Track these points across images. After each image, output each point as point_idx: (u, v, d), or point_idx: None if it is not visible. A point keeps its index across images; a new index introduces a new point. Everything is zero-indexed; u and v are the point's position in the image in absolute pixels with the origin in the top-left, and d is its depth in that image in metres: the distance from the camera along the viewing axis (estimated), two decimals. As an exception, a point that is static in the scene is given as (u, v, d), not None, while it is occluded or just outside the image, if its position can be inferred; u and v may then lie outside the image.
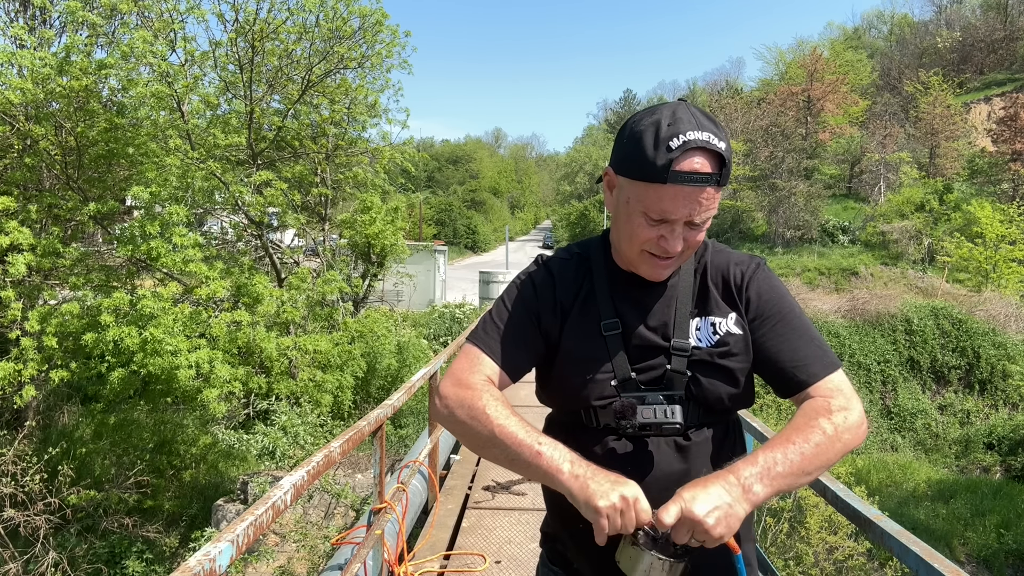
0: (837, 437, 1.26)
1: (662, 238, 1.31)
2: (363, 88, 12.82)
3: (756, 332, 1.40)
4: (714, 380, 1.37)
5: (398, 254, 13.58)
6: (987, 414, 16.86)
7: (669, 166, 1.24)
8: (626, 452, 1.37)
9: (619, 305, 1.42)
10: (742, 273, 1.44)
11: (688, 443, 1.38)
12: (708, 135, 1.24)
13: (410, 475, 4.63)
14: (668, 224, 1.30)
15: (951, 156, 37.04)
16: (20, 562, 7.46)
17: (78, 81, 9.74)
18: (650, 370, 1.39)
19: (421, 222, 37.15)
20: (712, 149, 1.24)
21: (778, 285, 1.45)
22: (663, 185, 1.25)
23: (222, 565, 1.55)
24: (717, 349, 1.38)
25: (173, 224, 9.39)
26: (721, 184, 1.27)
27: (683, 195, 1.26)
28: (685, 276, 1.44)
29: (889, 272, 27.30)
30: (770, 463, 1.20)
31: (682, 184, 1.24)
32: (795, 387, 1.36)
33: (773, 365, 1.38)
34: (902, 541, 1.90)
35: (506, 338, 1.43)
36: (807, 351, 1.37)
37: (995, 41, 53.01)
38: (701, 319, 1.41)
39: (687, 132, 1.24)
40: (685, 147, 1.23)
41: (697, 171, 1.24)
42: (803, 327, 1.41)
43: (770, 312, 1.41)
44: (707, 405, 1.38)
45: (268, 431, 9.12)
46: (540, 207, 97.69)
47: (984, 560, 10.57)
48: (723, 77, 68.09)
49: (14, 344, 9.62)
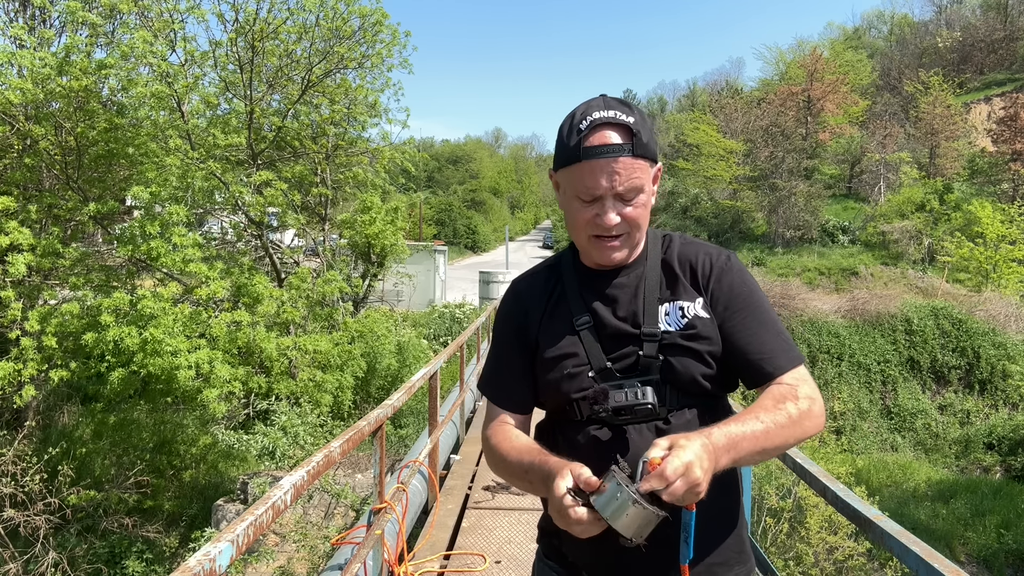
0: (799, 422, 1.32)
1: (597, 216, 1.38)
2: (363, 88, 12.82)
3: (725, 323, 1.43)
4: (685, 361, 1.40)
5: (398, 254, 13.58)
6: (987, 414, 16.86)
7: (580, 144, 1.35)
8: (607, 439, 1.41)
9: (589, 301, 1.48)
10: (711, 263, 1.47)
11: (668, 426, 1.39)
12: (614, 112, 1.35)
13: (410, 475, 4.63)
14: (599, 202, 1.37)
15: (951, 156, 37.06)
16: (20, 562, 7.46)
17: (78, 81, 9.73)
18: (624, 358, 1.43)
19: (421, 222, 37.16)
20: (618, 122, 1.34)
21: (748, 278, 1.49)
22: (580, 163, 1.36)
23: (222, 565, 1.55)
24: (686, 332, 1.41)
25: (173, 224, 9.39)
26: (636, 154, 1.34)
27: (598, 168, 1.34)
28: (652, 265, 1.49)
29: (889, 272, 27.31)
30: (737, 436, 1.24)
31: (595, 158, 1.34)
32: (762, 378, 1.41)
33: (741, 356, 1.42)
34: (902, 541, 1.90)
35: (505, 380, 1.58)
36: (774, 344, 1.42)
37: (995, 41, 53.01)
38: (670, 304, 1.45)
39: (594, 113, 1.36)
40: (592, 124, 1.35)
41: (606, 143, 1.34)
42: (770, 321, 1.45)
43: (739, 304, 1.44)
44: (683, 387, 1.41)
45: (268, 431, 9.11)
46: (540, 207, 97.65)
47: (984, 560, 10.56)
48: (723, 77, 68.07)
49: (14, 344, 9.62)
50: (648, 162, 1.38)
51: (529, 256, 52.66)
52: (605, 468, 1.27)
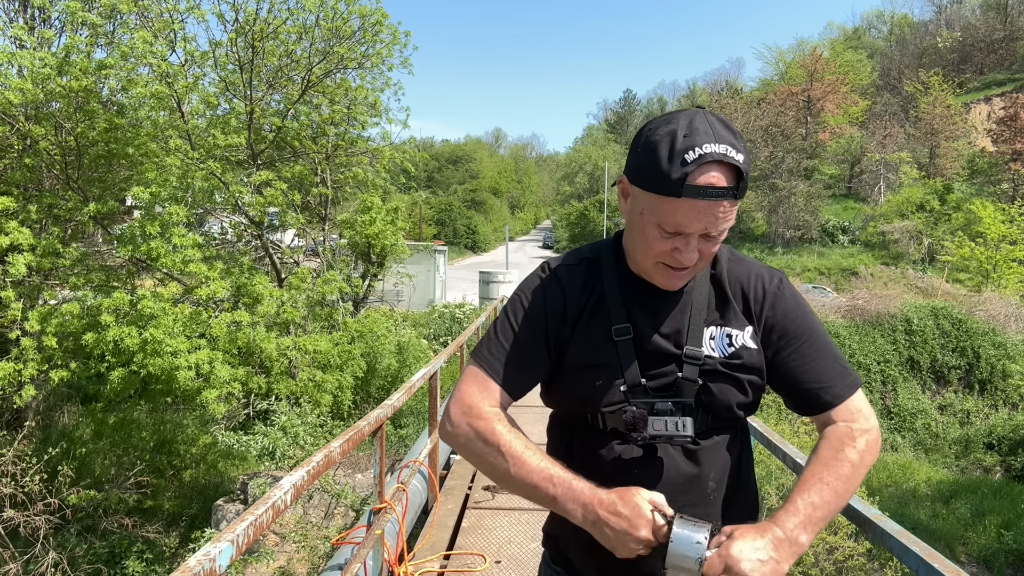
0: (862, 463, 1.32)
1: (676, 250, 1.28)
2: (363, 88, 12.81)
3: (780, 351, 1.38)
4: (725, 389, 1.36)
5: (398, 254, 13.57)
6: (987, 414, 16.85)
7: (684, 180, 1.20)
8: (633, 457, 1.36)
9: (632, 310, 1.39)
10: (764, 289, 1.41)
11: (697, 448, 1.37)
12: (725, 147, 1.21)
13: (410, 475, 4.63)
14: (683, 237, 1.27)
15: (951, 156, 37.09)
16: (20, 562, 7.46)
17: (78, 81, 9.73)
18: (661, 377, 1.37)
19: (421, 222, 37.14)
20: (729, 162, 1.20)
21: (801, 302, 1.43)
22: (678, 199, 1.22)
23: (222, 565, 1.55)
24: (731, 361, 1.36)
25: (173, 224, 9.39)
26: (739, 197, 1.24)
27: (698, 209, 1.22)
28: (701, 284, 1.42)
29: (889, 272, 27.30)
30: (810, 510, 1.23)
31: (698, 198, 1.21)
32: (819, 408, 1.38)
33: (798, 385, 1.39)
34: (902, 541, 1.90)
35: (512, 361, 1.42)
36: (831, 371, 1.38)
37: (995, 41, 53.03)
38: (717, 328, 1.39)
39: (703, 145, 1.20)
40: (701, 160, 1.19)
41: (713, 185, 1.20)
42: (826, 345, 1.40)
43: (795, 331, 1.39)
44: (717, 413, 1.37)
45: (268, 431, 9.12)
46: (540, 207, 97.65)
47: (984, 560, 10.56)
48: (723, 77, 68.11)
49: (14, 344, 9.62)
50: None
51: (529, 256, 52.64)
52: (630, 484, 1.29)
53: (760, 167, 35.60)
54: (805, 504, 1.24)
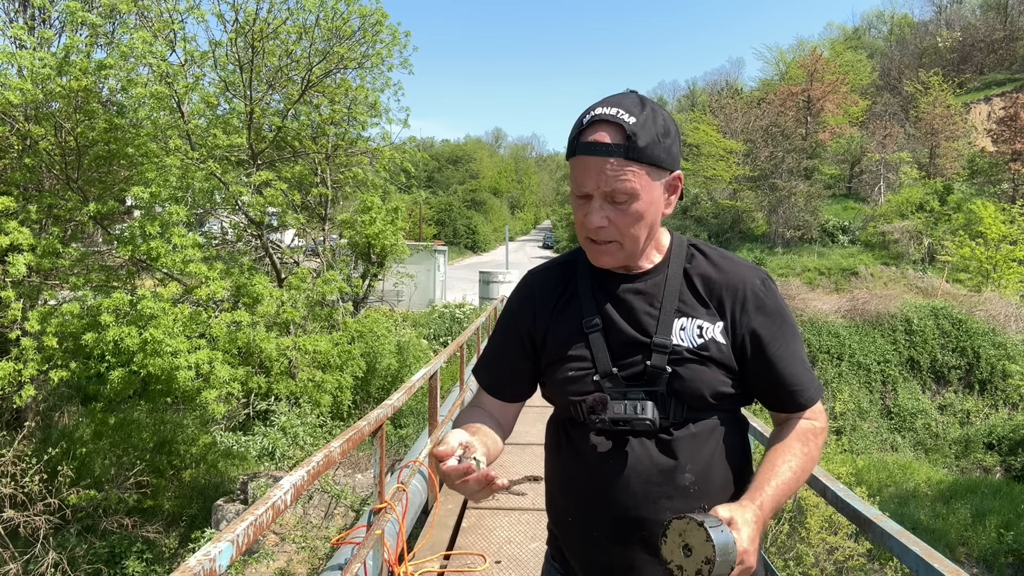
0: (815, 456, 1.44)
1: (585, 216, 1.33)
2: (363, 88, 12.82)
3: (760, 351, 1.40)
4: (694, 379, 1.37)
5: (398, 254, 13.58)
6: (987, 414, 16.85)
7: (577, 139, 1.31)
8: (606, 449, 1.38)
9: (601, 302, 1.44)
10: (746, 288, 1.41)
11: (671, 439, 1.37)
12: (616, 110, 1.28)
13: (410, 475, 4.63)
14: (587, 200, 1.33)
15: (951, 156, 37.06)
16: (20, 562, 7.46)
17: (77, 81, 9.73)
18: (631, 366, 1.39)
19: (421, 222, 37.14)
20: (614, 121, 1.28)
21: (782, 303, 1.44)
22: (574, 159, 1.32)
23: (222, 565, 1.55)
24: (699, 352, 1.37)
25: (173, 224, 9.40)
26: (630, 156, 1.27)
27: (588, 166, 1.29)
28: (673, 275, 1.43)
29: (889, 272, 27.31)
30: (778, 493, 1.31)
31: (586, 155, 1.29)
32: (793, 407, 1.44)
33: (776, 385, 1.42)
34: (902, 541, 1.90)
35: (493, 366, 1.57)
36: (804, 375, 1.43)
37: (995, 41, 53.03)
38: (687, 319, 1.40)
39: (596, 109, 1.30)
40: (590, 121, 1.29)
41: (598, 141, 1.28)
42: (799, 349, 1.45)
43: (774, 333, 1.41)
44: (690, 402, 1.38)
45: (267, 432, 9.12)
46: (540, 207, 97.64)
47: (984, 560, 10.56)
48: (723, 77, 68.07)
49: (14, 344, 9.62)
50: (647, 167, 1.29)
51: (529, 256, 52.63)
52: (604, 477, 1.36)
53: (760, 167, 35.56)
54: (774, 489, 1.31)
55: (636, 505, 1.36)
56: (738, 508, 1.21)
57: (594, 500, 1.39)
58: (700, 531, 1.13)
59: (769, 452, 1.41)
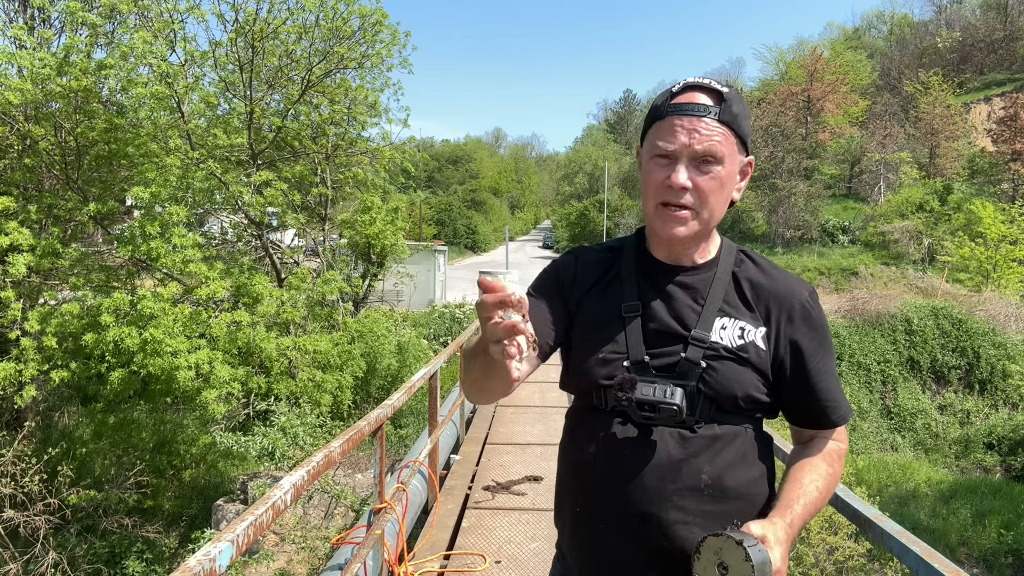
0: (837, 478, 1.46)
1: (667, 177, 1.33)
2: (363, 88, 12.82)
3: (800, 363, 1.40)
4: (728, 378, 1.35)
5: (398, 254, 13.58)
6: (987, 414, 16.84)
7: (670, 101, 1.35)
8: (627, 436, 1.36)
9: (644, 290, 1.43)
10: (794, 299, 1.41)
11: (693, 435, 1.34)
12: (709, 80, 1.36)
13: (410, 475, 4.63)
14: (673, 162, 1.33)
15: (951, 156, 37.07)
16: (20, 562, 7.46)
17: (77, 81, 9.73)
18: (665, 356, 1.37)
19: (421, 222, 37.13)
20: (710, 87, 1.34)
21: (825, 319, 1.46)
22: (663, 120, 1.35)
23: (222, 565, 1.55)
24: (738, 353, 1.36)
25: (173, 224, 9.39)
26: (722, 119, 1.32)
27: (680, 124, 1.32)
28: (721, 275, 1.43)
29: (889, 272, 27.31)
30: (806, 512, 1.34)
31: (679, 114, 1.33)
32: (825, 424, 1.46)
33: (809, 398, 1.43)
34: (902, 541, 1.90)
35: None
36: (839, 393, 1.45)
37: (995, 41, 53.04)
38: (729, 320, 1.39)
39: (689, 78, 1.38)
40: (685, 87, 1.36)
41: (693, 101, 1.33)
42: (834, 367, 1.47)
43: (816, 348, 1.42)
44: (719, 402, 1.36)
45: (267, 432, 9.12)
46: (540, 207, 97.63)
47: (984, 560, 10.56)
48: (723, 77, 68.09)
49: (14, 344, 9.62)
50: (735, 137, 1.34)
51: (529, 256, 52.61)
52: (619, 466, 1.34)
53: (760, 167, 35.58)
54: (803, 507, 1.33)
55: (648, 499, 1.33)
56: (770, 525, 1.22)
57: (606, 490, 1.37)
58: (738, 550, 1.13)
59: (794, 469, 1.41)
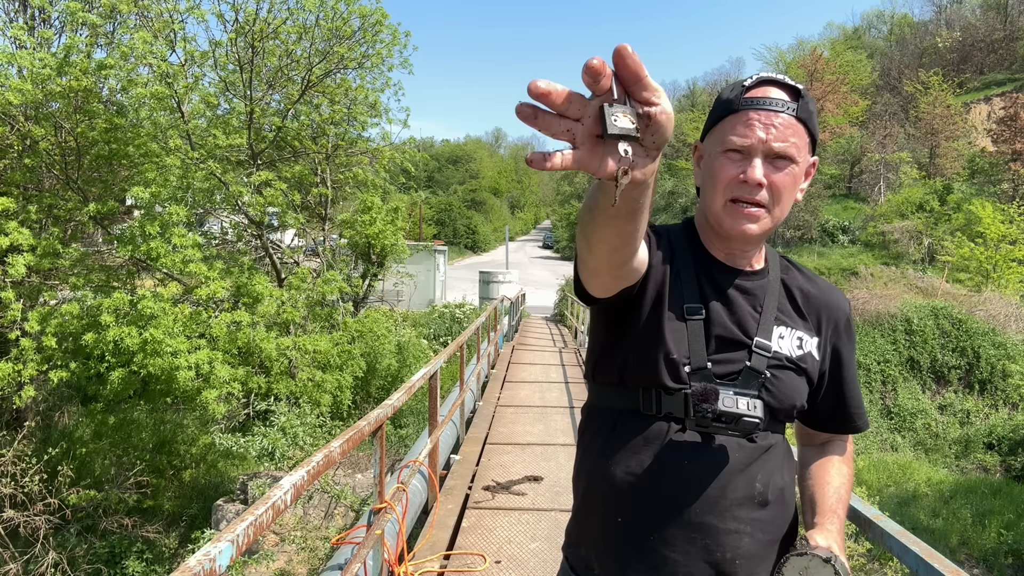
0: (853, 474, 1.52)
1: (742, 173, 1.27)
2: (363, 88, 12.82)
3: (837, 370, 1.45)
4: (789, 388, 1.35)
5: (398, 254, 13.59)
6: (987, 414, 16.84)
7: (743, 95, 1.29)
8: (688, 443, 1.29)
9: (706, 292, 1.36)
10: (839, 310, 1.46)
11: (753, 445, 1.32)
12: (783, 76, 1.30)
13: (410, 475, 4.62)
14: (747, 158, 1.27)
15: (951, 156, 37.05)
16: (20, 562, 7.46)
17: (77, 82, 9.73)
18: (728, 363, 1.32)
19: (421, 222, 37.13)
20: (786, 83, 1.28)
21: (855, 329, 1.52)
22: (736, 114, 1.28)
23: (222, 565, 1.55)
24: (798, 363, 1.36)
25: (173, 224, 9.39)
26: (799, 117, 1.27)
27: (757, 118, 1.26)
28: (774, 281, 1.41)
29: (889, 272, 27.28)
30: (844, 514, 1.41)
31: (755, 108, 1.27)
32: (847, 429, 1.51)
33: (839, 404, 1.47)
34: (902, 541, 1.90)
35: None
36: (860, 399, 1.50)
37: (995, 41, 53.01)
38: (786, 329, 1.38)
39: (762, 73, 1.32)
40: (759, 81, 1.29)
41: (768, 96, 1.27)
42: (856, 374, 1.51)
43: (850, 356, 1.46)
44: (775, 411, 1.34)
45: (267, 432, 9.11)
46: (540, 207, 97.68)
47: (984, 560, 10.56)
48: (723, 77, 68.11)
49: (14, 344, 9.62)
50: (808, 136, 1.29)
51: (529, 256, 52.65)
52: (679, 476, 1.29)
53: (760, 167, 35.58)
54: (842, 511, 1.40)
55: (708, 509, 1.28)
56: (829, 536, 1.28)
57: (660, 500, 1.30)
58: (826, 567, 1.17)
59: (818, 472, 1.45)
